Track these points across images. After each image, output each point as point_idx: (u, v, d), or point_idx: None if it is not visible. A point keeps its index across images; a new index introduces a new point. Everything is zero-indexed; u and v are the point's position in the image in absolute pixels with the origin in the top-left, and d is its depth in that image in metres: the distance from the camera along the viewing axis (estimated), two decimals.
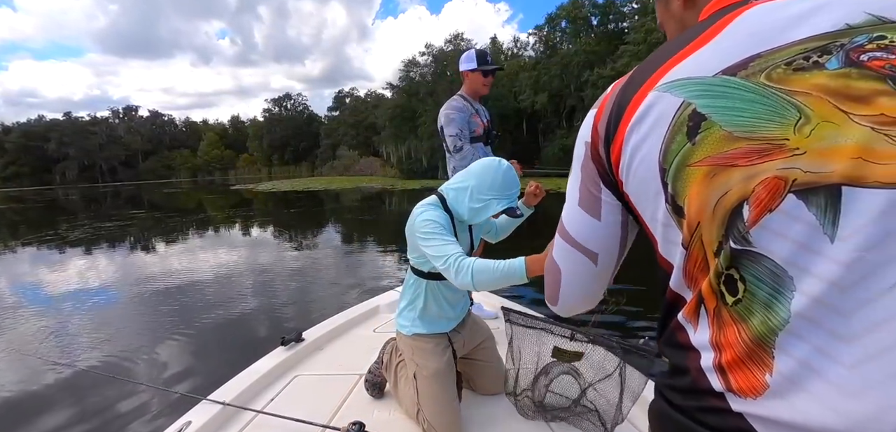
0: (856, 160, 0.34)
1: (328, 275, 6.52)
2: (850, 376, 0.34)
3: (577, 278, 0.58)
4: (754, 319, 0.38)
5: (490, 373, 1.79)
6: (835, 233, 0.35)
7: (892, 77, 0.35)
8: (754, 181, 0.38)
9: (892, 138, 0.34)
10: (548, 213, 1.91)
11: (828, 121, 0.36)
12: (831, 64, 0.37)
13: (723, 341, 0.40)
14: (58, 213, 20.15)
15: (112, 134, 77.62)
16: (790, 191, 0.36)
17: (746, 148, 0.38)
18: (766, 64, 0.39)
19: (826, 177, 0.35)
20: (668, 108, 0.42)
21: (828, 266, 0.35)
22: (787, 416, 0.36)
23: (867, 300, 0.34)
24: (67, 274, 7.14)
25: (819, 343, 0.35)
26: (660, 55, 0.46)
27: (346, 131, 55.14)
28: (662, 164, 0.43)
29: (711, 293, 0.41)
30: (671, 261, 0.46)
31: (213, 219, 15.59)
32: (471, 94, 2.56)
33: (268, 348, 2.13)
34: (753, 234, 0.38)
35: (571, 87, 29.79)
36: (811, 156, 0.36)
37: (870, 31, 0.37)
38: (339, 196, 22.73)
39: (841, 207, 0.35)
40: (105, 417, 2.82)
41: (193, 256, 8.25)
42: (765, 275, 0.38)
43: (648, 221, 0.48)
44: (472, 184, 1.55)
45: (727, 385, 0.40)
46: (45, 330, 4.48)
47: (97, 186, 59.31)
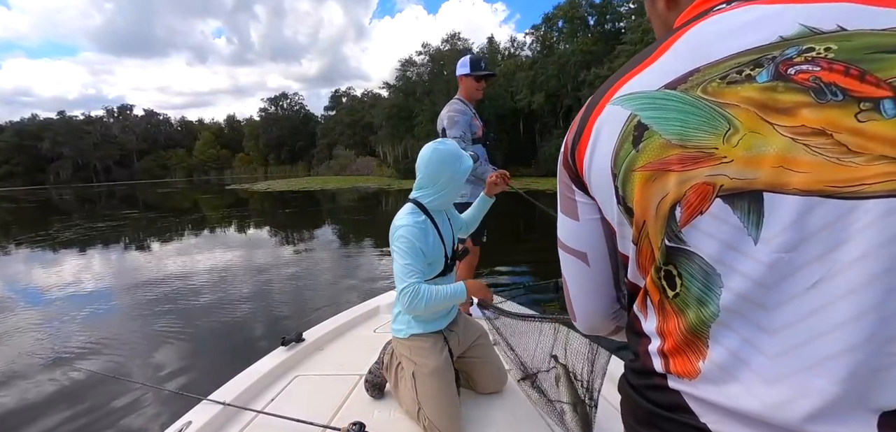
0: (777, 168, 0.37)
1: (326, 276, 6.51)
2: (770, 365, 0.38)
3: (576, 283, 0.61)
4: (690, 312, 0.43)
5: (488, 370, 1.80)
6: (758, 235, 0.38)
7: (815, 89, 0.37)
8: (686, 185, 0.41)
9: (811, 147, 0.36)
10: (544, 215, 1.93)
11: (754, 132, 0.39)
12: (761, 77, 0.39)
13: (665, 329, 0.45)
14: (51, 213, 20.00)
15: (107, 133, 77.13)
16: (717, 196, 0.40)
17: (681, 154, 0.41)
18: (703, 78, 0.42)
19: (750, 183, 0.38)
20: (618, 119, 0.47)
21: (752, 265, 0.38)
22: (715, 398, 0.41)
23: (788, 298, 0.37)
24: (63, 275, 7.09)
25: (747, 335, 0.39)
26: (620, 72, 0.50)
27: (343, 131, 55.05)
28: (613, 169, 0.47)
29: (654, 287, 0.46)
30: (627, 254, 0.51)
31: (209, 219, 15.52)
32: (466, 98, 2.63)
33: (267, 349, 2.13)
34: (685, 233, 0.42)
35: (568, 87, 29.78)
36: (737, 163, 0.39)
37: (800, 44, 0.39)
38: (336, 196, 22.69)
39: (764, 211, 0.38)
40: (105, 417, 2.81)
41: (190, 257, 8.21)
42: (697, 272, 0.42)
43: (610, 219, 0.52)
44: (438, 180, 1.65)
45: (667, 368, 0.45)
46: (43, 330, 4.45)
47: (91, 186, 58.91)
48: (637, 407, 0.49)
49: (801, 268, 0.36)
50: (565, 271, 0.62)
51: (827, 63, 0.37)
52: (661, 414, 0.46)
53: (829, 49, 0.38)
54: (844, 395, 0.35)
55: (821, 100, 0.37)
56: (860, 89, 0.36)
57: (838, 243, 0.35)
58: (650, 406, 0.47)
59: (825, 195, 0.36)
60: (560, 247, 0.61)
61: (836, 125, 0.36)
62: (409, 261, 1.54)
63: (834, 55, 0.38)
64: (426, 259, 1.59)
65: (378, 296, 2.94)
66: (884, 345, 0.34)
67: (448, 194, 1.68)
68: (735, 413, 0.40)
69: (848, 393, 0.35)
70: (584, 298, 0.62)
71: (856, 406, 0.35)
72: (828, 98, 0.37)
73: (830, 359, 0.35)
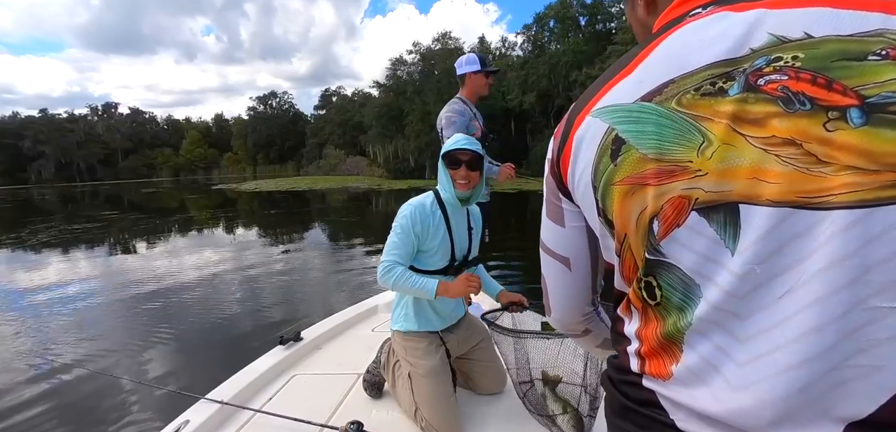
0: (751, 180, 0.37)
1: (318, 275, 6.47)
2: (739, 373, 0.39)
3: (557, 285, 0.63)
4: (669, 319, 0.44)
5: (489, 373, 1.81)
6: (735, 246, 0.38)
7: (783, 98, 0.37)
8: (663, 199, 0.41)
9: (781, 157, 0.37)
10: (536, 213, 1.94)
11: (727, 144, 0.39)
12: (733, 89, 0.39)
13: (643, 334, 0.47)
14: (31, 213, 19.54)
15: (90, 132, 75.44)
16: (693, 209, 0.40)
17: (657, 168, 0.42)
18: (677, 90, 0.42)
19: (725, 195, 0.39)
20: (596, 132, 0.47)
21: (727, 276, 0.39)
22: (682, 399, 0.43)
23: (758, 308, 0.38)
24: (48, 275, 6.95)
25: (720, 342, 0.40)
26: (598, 82, 0.50)
27: (333, 130, 54.66)
28: (594, 182, 0.48)
29: (636, 296, 0.47)
30: (612, 263, 0.52)
31: (195, 219, 15.31)
32: (471, 96, 2.61)
33: (263, 348, 2.11)
34: (664, 246, 0.42)
35: (559, 87, 29.96)
36: (712, 176, 0.39)
37: (769, 53, 0.38)
38: (325, 196, 22.54)
39: (740, 223, 0.38)
40: (103, 416, 2.78)
41: (179, 258, 8.11)
42: (676, 283, 0.43)
43: (595, 229, 0.53)
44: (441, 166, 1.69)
45: (642, 368, 0.47)
46: (40, 331, 4.37)
47: (74, 185, 57.69)
48: (614, 399, 0.52)
49: (772, 279, 0.37)
50: (546, 272, 0.64)
51: (794, 72, 0.37)
52: (633, 409, 0.48)
53: (797, 57, 0.37)
54: (805, 405, 0.35)
55: (790, 109, 0.37)
56: (827, 98, 0.36)
57: (807, 254, 0.35)
58: (625, 400, 0.49)
59: (796, 206, 0.36)
60: (543, 249, 0.62)
61: (806, 135, 0.36)
62: (397, 240, 1.61)
63: (801, 63, 0.37)
64: (417, 244, 1.63)
65: (376, 295, 2.94)
66: (847, 357, 0.34)
67: (445, 189, 1.67)
68: (700, 414, 0.41)
69: (808, 403, 0.35)
70: (563, 300, 0.64)
71: (819, 416, 0.35)
72: (796, 107, 0.36)
73: (790, 369, 0.36)
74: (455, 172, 1.64)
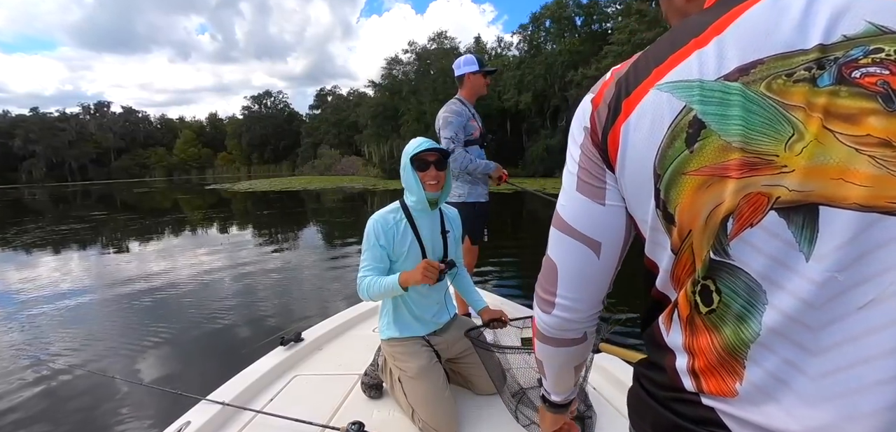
0: (836, 180, 0.34)
1: (314, 276, 6.44)
2: (813, 387, 0.36)
3: (574, 273, 0.53)
4: (727, 329, 0.40)
5: (484, 373, 1.80)
6: (810, 252, 0.35)
7: (883, 94, 0.34)
8: (742, 194, 0.37)
9: (876, 159, 0.33)
10: (536, 215, 1.93)
11: (817, 141, 0.35)
12: (823, 80, 0.35)
13: (696, 347, 0.42)
14: (20, 213, 19.28)
15: (82, 131, 74.62)
16: (772, 208, 0.36)
17: (740, 159, 0.37)
18: (767, 71, 0.37)
19: (807, 195, 0.35)
20: (667, 110, 0.41)
21: (801, 283, 0.35)
22: (753, 418, 0.39)
23: (836, 319, 0.35)
24: (39, 276, 6.85)
25: (788, 355, 0.37)
26: (663, 48, 0.43)
27: (328, 130, 54.53)
28: (657, 169, 0.42)
29: (686, 301, 0.42)
30: (658, 262, 0.46)
31: (189, 219, 15.18)
32: (470, 97, 2.60)
33: (261, 349, 2.11)
34: (733, 247, 0.38)
35: (555, 87, 30.02)
36: (798, 174, 0.36)
37: (867, 43, 0.35)
38: (320, 196, 22.43)
39: (818, 227, 0.35)
40: (104, 417, 2.76)
41: (173, 259, 8.04)
42: (740, 288, 0.38)
43: (638, 220, 0.47)
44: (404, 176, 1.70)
45: (699, 387, 0.42)
46: (37, 332, 4.31)
47: (65, 185, 57.08)
48: (660, 417, 0.46)
49: (852, 288, 0.34)
50: (560, 255, 0.54)
51: None
52: (687, 428, 0.43)
53: None
54: (894, 423, 0.33)
55: (890, 108, 0.33)
56: None
57: (894, 263, 0.33)
58: (676, 418, 0.44)
59: (886, 212, 0.33)
60: (561, 229, 0.53)
61: None
62: (366, 255, 1.67)
63: None
64: (385, 253, 1.65)
65: None
66: None
67: (413, 192, 1.66)
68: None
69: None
70: (580, 290, 0.54)
71: None
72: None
73: (881, 385, 0.33)
74: (424, 174, 1.64)
